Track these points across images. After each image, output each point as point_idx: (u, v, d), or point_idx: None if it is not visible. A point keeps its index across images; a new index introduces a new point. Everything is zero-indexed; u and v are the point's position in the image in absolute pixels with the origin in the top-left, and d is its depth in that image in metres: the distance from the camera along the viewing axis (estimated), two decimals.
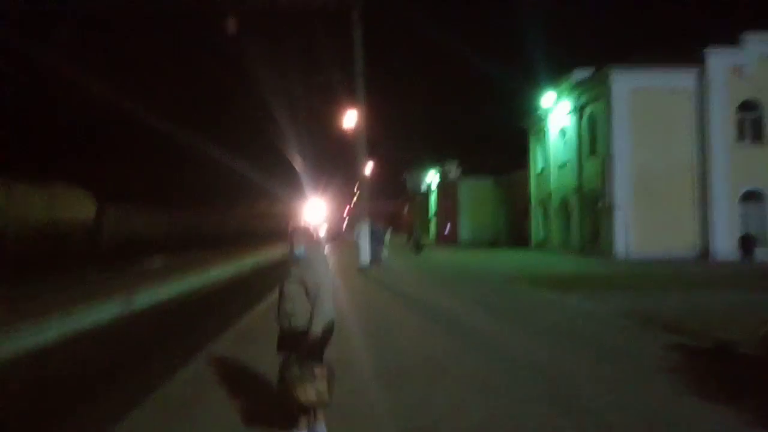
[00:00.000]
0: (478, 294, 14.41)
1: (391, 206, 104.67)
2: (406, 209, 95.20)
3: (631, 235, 26.01)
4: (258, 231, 46.74)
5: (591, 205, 28.86)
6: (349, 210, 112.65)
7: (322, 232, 21.50)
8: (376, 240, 25.53)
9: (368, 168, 72.97)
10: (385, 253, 30.40)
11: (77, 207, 29.61)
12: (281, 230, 41.55)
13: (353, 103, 23.79)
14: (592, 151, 28.88)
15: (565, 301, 12.86)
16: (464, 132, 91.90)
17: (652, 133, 26.33)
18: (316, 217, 34.75)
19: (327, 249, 22.02)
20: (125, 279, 18.71)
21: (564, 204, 32.25)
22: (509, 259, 28.22)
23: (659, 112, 26.43)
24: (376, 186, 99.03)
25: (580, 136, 30.07)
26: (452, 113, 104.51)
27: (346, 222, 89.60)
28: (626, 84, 26.46)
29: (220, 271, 24.67)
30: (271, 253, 33.95)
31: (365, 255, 21.71)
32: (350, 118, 38.38)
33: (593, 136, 28.94)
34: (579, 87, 29.81)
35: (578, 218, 30.17)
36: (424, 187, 69.97)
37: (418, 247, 33.40)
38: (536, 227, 37.15)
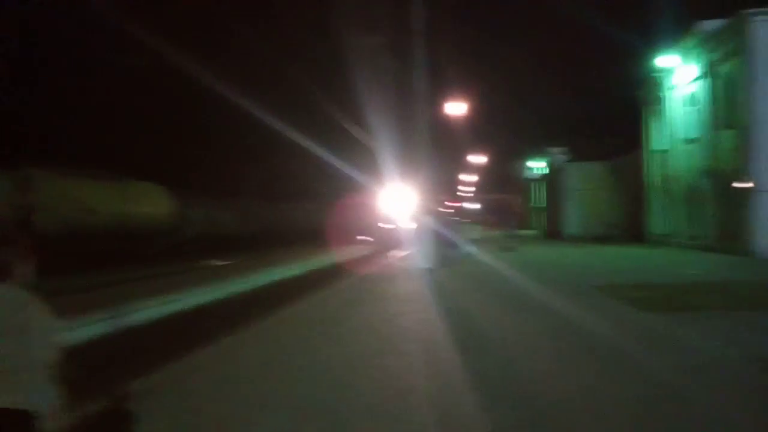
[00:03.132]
0: (538, 318, 9.97)
1: (501, 198, 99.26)
2: (518, 201, 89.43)
3: None
4: (347, 225, 43.85)
5: (726, 189, 22.92)
6: (459, 203, 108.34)
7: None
8: (440, 237, 21.50)
9: (479, 158, 68.61)
10: (469, 250, 26.36)
11: (154, 203, 28.10)
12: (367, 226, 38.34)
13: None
14: (728, 121, 22.90)
15: (678, 335, 8.19)
16: (572, 113, 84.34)
17: None
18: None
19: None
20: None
21: (690, 189, 26.25)
22: (616, 258, 22.96)
23: None
24: (486, 177, 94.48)
25: (711, 104, 24.08)
26: (558, 92, 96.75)
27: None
28: None
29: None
30: (352, 251, 30.79)
31: (427, 255, 17.68)
32: (457, 106, 34.40)
33: (729, 103, 22.95)
34: (708, 42, 23.86)
35: (709, 206, 24.20)
36: (532, 177, 64.42)
37: (509, 246, 28.80)
38: (654, 218, 31.12)
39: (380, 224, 29.97)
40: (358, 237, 34.18)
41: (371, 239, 30.28)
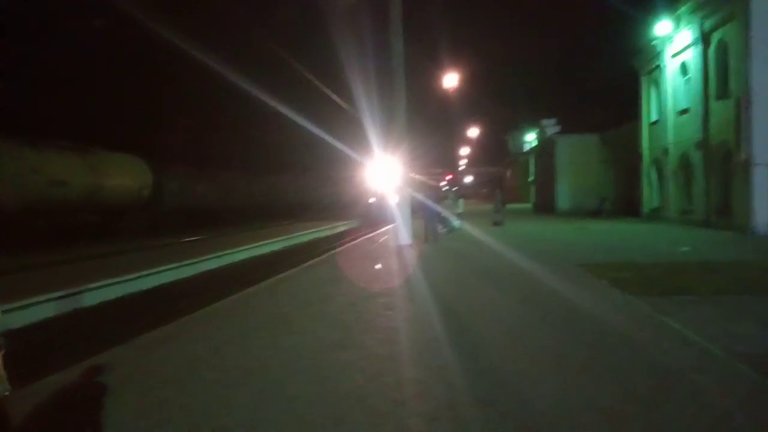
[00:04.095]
0: (520, 297, 9.12)
1: (493, 171, 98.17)
2: (508, 174, 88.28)
3: None
4: (331, 199, 42.85)
5: (721, 162, 22.01)
6: (451, 177, 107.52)
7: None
8: (429, 212, 20.58)
9: (473, 131, 67.28)
10: (456, 224, 25.48)
11: (129, 175, 27.05)
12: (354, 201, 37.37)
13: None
14: (723, 91, 21.85)
15: (665, 325, 7.33)
16: (565, 83, 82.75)
17: None
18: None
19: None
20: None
21: (684, 162, 25.32)
22: (606, 233, 22.13)
23: None
24: (478, 150, 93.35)
25: (705, 72, 23.00)
26: (551, 62, 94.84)
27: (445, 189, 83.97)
28: None
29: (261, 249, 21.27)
30: (334, 226, 29.80)
31: (404, 231, 16.77)
32: (450, 78, 33.21)
33: (724, 72, 21.87)
34: (703, 7, 22.67)
35: (703, 180, 23.30)
36: (525, 149, 63.25)
37: (497, 221, 27.89)
38: (648, 193, 30.21)
39: (365, 198, 29.01)
40: (343, 211, 33.23)
41: (356, 213, 29.37)
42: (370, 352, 6.38)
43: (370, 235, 23.95)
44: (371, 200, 26.82)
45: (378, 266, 13.87)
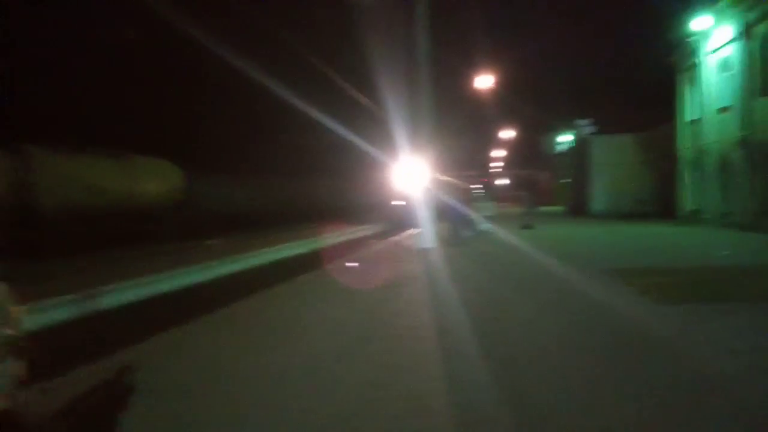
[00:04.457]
0: (537, 305, 8.55)
1: (528, 173, 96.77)
2: (543, 176, 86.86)
3: None
4: (360, 202, 42.50)
5: (763, 162, 20.98)
6: (486, 179, 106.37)
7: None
8: (452, 214, 20.08)
9: (508, 133, 66.39)
10: (484, 227, 24.92)
11: (162, 179, 27.20)
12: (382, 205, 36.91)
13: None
14: (766, 87, 20.83)
15: (688, 336, 6.73)
16: (601, 83, 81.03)
17: None
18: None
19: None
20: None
21: (724, 162, 24.24)
22: (641, 237, 21.24)
23: None
24: (514, 152, 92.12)
25: (748, 67, 21.95)
26: (587, 61, 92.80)
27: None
28: None
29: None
30: (361, 229, 29.49)
31: (428, 234, 16.28)
32: (484, 80, 32.57)
33: (766, 68, 20.86)
34: (744, 1, 21.68)
35: (744, 181, 22.23)
36: (560, 151, 61.99)
37: (526, 224, 27.13)
38: (685, 194, 29.08)
39: (392, 201, 28.51)
40: (371, 214, 32.83)
41: (383, 216, 28.91)
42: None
43: (393, 238, 23.51)
44: (396, 203, 26.29)
45: (396, 268, 13.42)
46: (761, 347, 6.15)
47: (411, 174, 17.96)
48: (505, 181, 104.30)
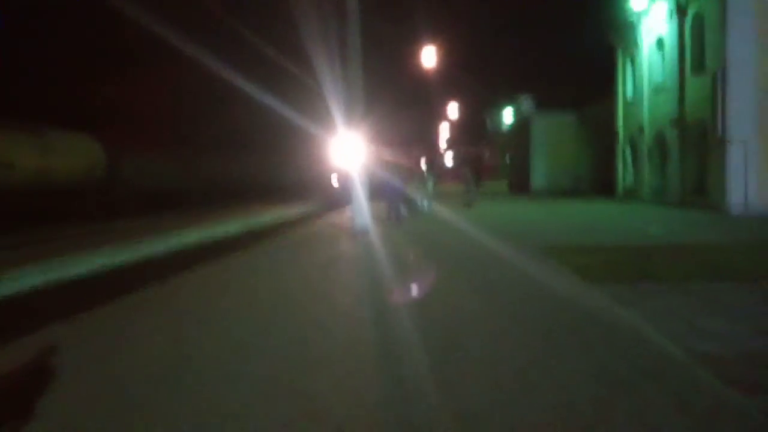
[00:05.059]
0: (471, 285, 8.19)
1: (471, 150, 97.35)
2: (486, 153, 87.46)
3: (753, 180, 18.51)
4: (294, 179, 41.57)
5: (696, 140, 21.28)
6: (428, 156, 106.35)
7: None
8: (390, 191, 19.62)
9: (451, 109, 66.14)
10: (424, 205, 24.59)
11: (80, 155, 25.69)
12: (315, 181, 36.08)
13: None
14: (699, 66, 21.05)
15: (618, 317, 6.45)
16: (543, 60, 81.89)
17: None
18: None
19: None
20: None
21: (659, 140, 24.57)
22: (577, 214, 21.31)
23: None
24: (458, 129, 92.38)
25: (681, 46, 22.15)
26: (528, 37, 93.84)
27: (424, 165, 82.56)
28: None
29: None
30: (293, 208, 28.71)
31: (360, 213, 15.74)
32: (428, 55, 31.97)
33: (700, 46, 21.06)
34: None
35: (678, 158, 22.56)
36: (503, 128, 62.31)
37: (467, 201, 26.99)
38: (623, 171, 29.50)
39: (327, 178, 27.83)
40: (305, 191, 32.09)
41: (318, 194, 28.22)
42: None
43: (330, 218, 22.95)
44: (333, 179, 25.62)
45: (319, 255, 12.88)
46: (679, 330, 5.90)
47: (347, 150, 17.29)
48: (448, 158, 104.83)
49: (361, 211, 15.78)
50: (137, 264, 14.01)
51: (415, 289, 8.43)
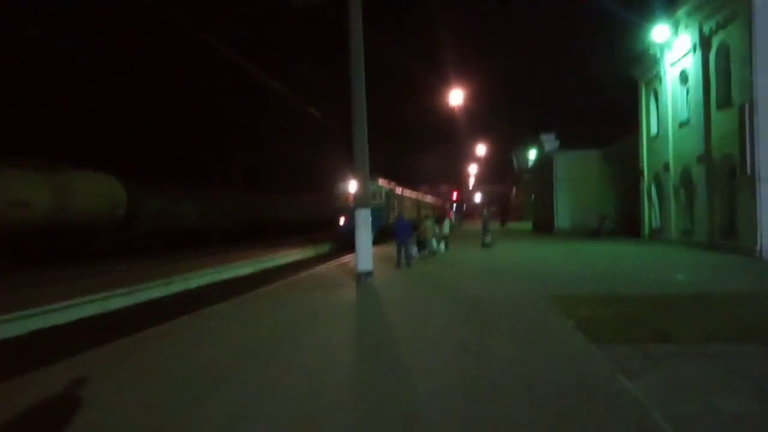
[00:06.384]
0: (458, 342, 7.19)
1: (498, 189, 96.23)
2: (513, 192, 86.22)
3: None
4: (310, 219, 40.93)
5: (724, 178, 20.05)
6: (457, 195, 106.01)
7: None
8: (402, 234, 18.74)
9: (481, 149, 65.49)
10: (439, 247, 23.67)
11: (100, 194, 25.44)
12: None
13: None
14: (725, 99, 19.95)
15: (623, 391, 5.41)
16: (566, 97, 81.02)
17: None
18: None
19: None
20: None
21: (685, 178, 23.33)
22: (599, 256, 20.07)
23: None
24: (487, 169, 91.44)
25: (706, 79, 21.09)
26: (552, 75, 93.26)
27: (453, 208, 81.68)
28: None
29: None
30: (301, 250, 27.93)
31: (364, 255, 14.83)
32: (456, 95, 31.38)
33: (726, 79, 19.98)
34: (703, 8, 20.85)
35: (705, 197, 21.28)
36: (527, 167, 61.21)
37: (486, 242, 25.97)
38: (649, 211, 28.16)
39: (339, 218, 26.98)
40: (319, 231, 31.35)
41: (330, 233, 27.40)
42: None
43: (342, 259, 22.09)
44: (343, 220, 24.76)
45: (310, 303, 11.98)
46: (693, 411, 4.84)
47: (360, 189, 16.46)
48: (478, 197, 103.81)
49: (365, 253, 14.87)
50: (131, 312, 13.35)
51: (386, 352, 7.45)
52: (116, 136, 34.68)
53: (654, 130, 27.35)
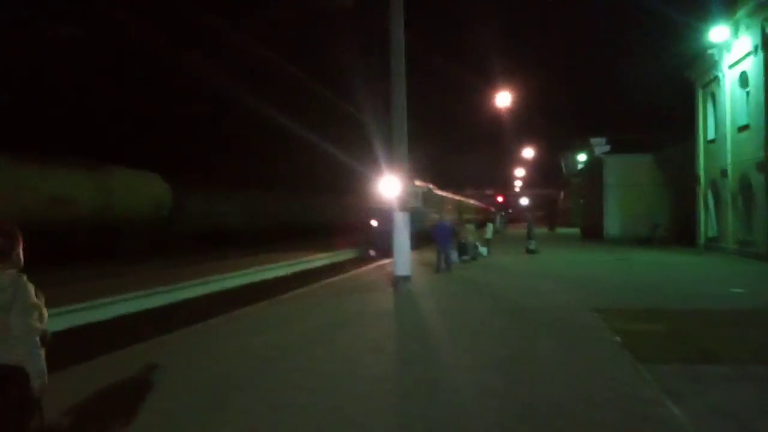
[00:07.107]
0: (492, 358, 6.77)
1: (546, 194, 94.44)
2: (561, 196, 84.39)
3: None
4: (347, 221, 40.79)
5: None
6: (503, 199, 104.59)
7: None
8: (442, 238, 18.34)
9: (527, 152, 64.51)
10: (481, 252, 23.20)
11: (143, 192, 25.88)
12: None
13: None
14: None
15: (667, 424, 4.93)
16: (619, 99, 78.76)
17: None
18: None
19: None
20: None
21: (744, 185, 22.16)
22: (649, 268, 19.13)
23: None
24: (534, 172, 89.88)
25: (765, 83, 19.97)
26: (605, 77, 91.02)
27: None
28: None
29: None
30: (340, 252, 27.72)
31: (402, 259, 14.48)
32: (503, 98, 30.87)
33: None
34: (764, 9, 19.73)
35: (765, 206, 20.14)
36: (576, 171, 59.74)
37: (530, 248, 25.30)
38: (705, 219, 26.92)
39: (374, 222, 26.47)
40: (352, 235, 30.99)
41: (365, 238, 26.96)
42: None
43: (381, 262, 21.77)
44: (381, 224, 24.24)
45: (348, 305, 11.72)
46: None
47: (400, 192, 16.08)
48: (525, 201, 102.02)
49: (403, 256, 14.55)
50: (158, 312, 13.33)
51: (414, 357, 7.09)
52: (162, 136, 35.31)
53: (711, 134, 26.13)
